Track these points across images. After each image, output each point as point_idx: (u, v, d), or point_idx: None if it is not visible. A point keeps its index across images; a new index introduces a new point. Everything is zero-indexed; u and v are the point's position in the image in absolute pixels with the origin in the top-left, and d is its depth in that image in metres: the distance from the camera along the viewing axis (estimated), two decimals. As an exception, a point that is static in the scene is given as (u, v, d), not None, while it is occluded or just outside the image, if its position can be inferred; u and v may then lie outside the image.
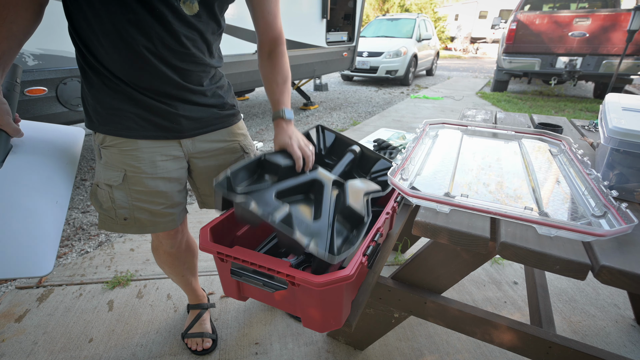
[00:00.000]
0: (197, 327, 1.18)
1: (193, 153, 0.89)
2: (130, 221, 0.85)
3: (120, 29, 0.69)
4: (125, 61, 0.73)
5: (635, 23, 4.31)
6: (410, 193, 0.78)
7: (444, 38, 20.26)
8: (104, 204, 0.84)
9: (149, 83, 0.76)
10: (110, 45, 0.71)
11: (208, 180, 0.94)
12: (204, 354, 1.15)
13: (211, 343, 1.17)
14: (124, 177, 0.81)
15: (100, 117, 0.79)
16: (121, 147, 0.80)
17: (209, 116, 0.87)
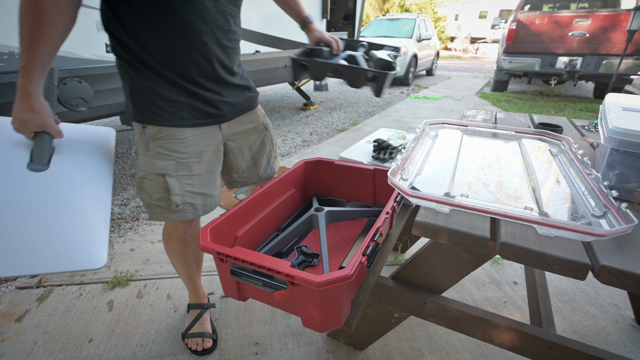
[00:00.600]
0: (198, 327, 1.18)
1: (229, 135, 0.99)
2: (182, 207, 0.90)
3: (183, 19, 0.76)
4: (183, 50, 0.80)
5: (635, 23, 4.31)
6: (410, 193, 0.78)
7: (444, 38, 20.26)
8: (154, 194, 0.88)
9: (203, 70, 0.84)
10: (170, 37, 0.78)
11: (242, 159, 1.06)
12: (204, 354, 1.15)
13: (211, 343, 1.17)
14: (176, 164, 0.87)
15: (159, 109, 0.84)
16: (172, 136, 0.86)
17: (242, 100, 0.99)
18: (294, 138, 3.65)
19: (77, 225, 0.76)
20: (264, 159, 1.12)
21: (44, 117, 0.76)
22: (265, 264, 0.68)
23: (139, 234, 1.86)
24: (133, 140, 3.50)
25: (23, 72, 0.71)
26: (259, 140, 1.08)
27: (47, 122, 0.77)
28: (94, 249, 0.77)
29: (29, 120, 0.75)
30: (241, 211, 0.92)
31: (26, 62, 0.71)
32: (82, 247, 0.75)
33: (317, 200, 1.24)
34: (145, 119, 0.86)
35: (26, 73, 0.71)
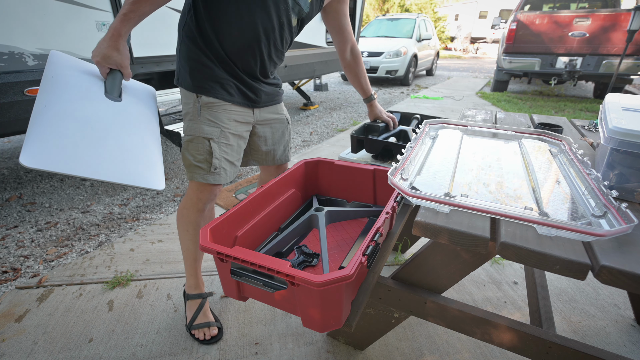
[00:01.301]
0: (202, 317, 1.21)
1: (259, 120, 1.14)
2: (218, 171, 1.04)
3: (255, 31, 0.94)
4: (244, 52, 0.97)
5: (635, 23, 4.31)
6: (410, 193, 0.78)
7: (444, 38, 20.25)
8: (198, 156, 1.02)
9: (252, 69, 1.02)
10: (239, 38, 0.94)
11: (262, 144, 1.20)
12: (212, 342, 1.17)
13: (217, 331, 1.20)
14: (220, 132, 1.02)
15: (215, 84, 1.00)
16: (221, 107, 1.01)
17: (273, 92, 1.15)
18: (294, 138, 3.65)
19: (144, 150, 0.89)
20: (281, 146, 1.25)
21: (124, 57, 0.89)
22: (265, 264, 0.68)
23: (139, 234, 1.86)
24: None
25: (123, 18, 0.83)
26: (280, 129, 1.22)
27: (125, 62, 0.90)
28: (157, 173, 0.89)
29: (112, 57, 0.87)
30: (241, 211, 0.92)
31: (128, 11, 0.83)
32: (148, 168, 0.87)
33: (317, 200, 1.24)
34: (201, 90, 1.00)
35: (125, 20, 0.84)
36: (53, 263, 1.62)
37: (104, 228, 1.94)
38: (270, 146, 1.21)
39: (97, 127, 0.82)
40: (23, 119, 1.80)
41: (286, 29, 1.00)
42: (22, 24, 1.69)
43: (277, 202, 1.07)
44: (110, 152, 0.81)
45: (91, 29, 1.94)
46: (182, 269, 1.56)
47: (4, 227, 1.94)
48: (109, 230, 1.91)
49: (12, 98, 1.72)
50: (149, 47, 2.27)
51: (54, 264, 1.61)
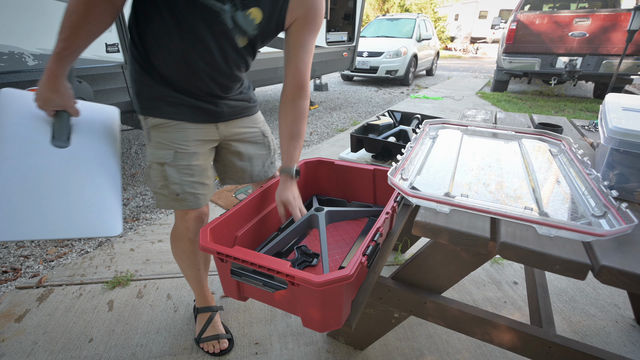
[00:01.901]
0: (211, 330, 1.17)
1: (226, 135, 1.04)
2: (182, 196, 0.95)
3: (187, 55, 0.85)
4: (182, 75, 0.88)
5: (635, 23, 4.31)
6: (410, 193, 0.78)
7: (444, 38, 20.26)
8: (158, 183, 0.94)
9: (199, 90, 0.92)
10: (172, 63, 0.86)
11: (237, 160, 1.10)
12: (222, 355, 1.14)
13: (228, 343, 1.16)
14: (174, 154, 0.92)
15: (156, 102, 0.91)
16: (171, 128, 0.93)
17: (239, 106, 1.05)
18: (294, 138, 3.65)
19: (96, 197, 0.86)
20: (259, 162, 1.14)
21: (66, 98, 0.84)
22: (265, 264, 0.68)
23: (139, 234, 1.86)
24: (133, 140, 3.50)
25: (57, 58, 0.78)
26: (255, 144, 1.11)
27: (68, 103, 0.85)
28: (111, 218, 0.86)
29: (53, 100, 0.83)
30: (241, 211, 0.92)
31: (61, 49, 0.77)
32: (101, 216, 0.85)
33: (317, 200, 1.24)
34: (147, 111, 0.92)
35: (59, 59, 0.78)
36: (53, 263, 1.62)
37: (104, 228, 1.94)
38: (245, 162, 1.10)
39: (42, 183, 0.80)
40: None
41: (230, 51, 0.88)
42: (22, 24, 1.69)
43: (277, 202, 1.07)
44: (58, 208, 0.80)
45: (91, 29, 1.94)
46: (182, 269, 1.56)
47: (4, 227, 1.94)
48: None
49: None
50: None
51: (54, 264, 1.61)
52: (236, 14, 0.82)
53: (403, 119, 1.68)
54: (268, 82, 3.74)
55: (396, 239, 1.08)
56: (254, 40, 0.91)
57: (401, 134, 1.47)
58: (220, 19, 0.81)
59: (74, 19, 0.75)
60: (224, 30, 0.83)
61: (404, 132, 1.46)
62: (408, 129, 1.46)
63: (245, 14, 0.83)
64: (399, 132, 1.48)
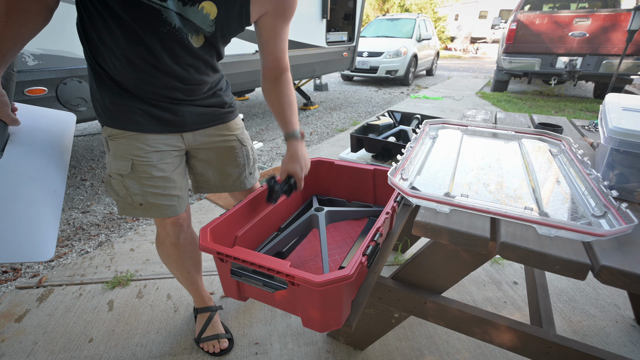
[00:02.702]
0: (210, 329, 1.17)
1: (194, 145, 0.96)
2: (145, 206, 0.90)
3: (133, 59, 0.76)
4: (133, 80, 0.80)
5: (635, 23, 4.31)
6: (410, 193, 0.78)
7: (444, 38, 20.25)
8: (120, 192, 0.89)
9: (155, 94, 0.84)
10: (119, 66, 0.78)
11: (209, 169, 1.03)
12: (222, 355, 1.14)
13: (227, 343, 1.16)
14: (132, 166, 0.86)
15: (109, 112, 0.84)
16: (128, 139, 0.85)
17: (209, 113, 0.95)
18: (294, 138, 3.65)
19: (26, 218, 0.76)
20: (235, 172, 1.06)
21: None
22: (265, 263, 0.68)
23: (139, 234, 1.86)
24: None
25: None
26: (230, 153, 1.03)
27: (2, 112, 0.76)
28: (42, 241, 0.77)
29: None
30: (241, 211, 0.92)
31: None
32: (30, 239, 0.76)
33: (317, 200, 1.24)
34: (101, 119, 0.87)
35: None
36: (53, 263, 1.62)
37: (104, 228, 1.94)
38: (216, 172, 1.04)
39: None
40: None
41: (183, 53, 0.79)
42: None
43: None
44: None
45: (91, 29, 1.94)
46: (182, 269, 1.56)
47: (4, 227, 1.94)
48: (109, 230, 1.91)
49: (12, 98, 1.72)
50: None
51: (54, 264, 1.61)
52: (185, 9, 0.73)
53: (403, 119, 1.68)
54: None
55: (396, 239, 1.08)
56: (213, 38, 0.81)
57: (401, 134, 1.47)
58: (162, 18, 0.71)
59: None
60: (170, 32, 0.74)
61: (404, 132, 1.46)
62: (408, 129, 1.46)
63: (197, 9, 0.74)
64: (399, 132, 1.48)
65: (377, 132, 1.48)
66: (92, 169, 2.78)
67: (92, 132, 3.75)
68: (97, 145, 3.36)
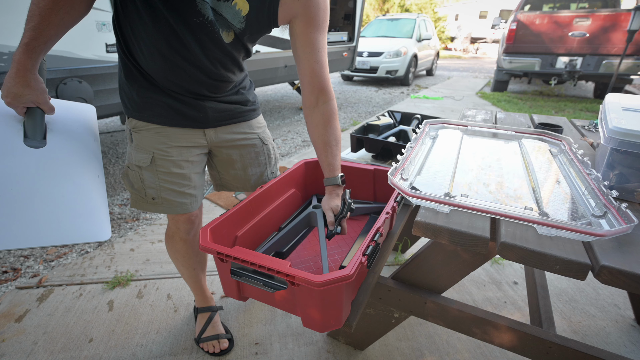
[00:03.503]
0: (211, 330, 1.17)
1: (215, 142, 0.97)
2: (158, 200, 0.91)
3: (164, 50, 0.78)
4: (162, 71, 0.82)
5: (635, 23, 4.31)
6: (410, 193, 0.78)
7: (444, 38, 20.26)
8: (135, 184, 0.91)
9: (181, 88, 0.85)
10: (150, 57, 0.79)
11: (230, 168, 1.03)
12: (222, 355, 1.14)
13: (228, 343, 1.16)
14: (152, 159, 0.88)
15: (136, 104, 0.86)
16: (152, 132, 0.88)
17: (231, 110, 0.95)
18: (294, 138, 3.65)
19: (80, 202, 0.79)
20: (257, 172, 1.06)
21: (39, 93, 0.77)
22: (266, 263, 0.68)
23: (139, 234, 1.86)
24: (133, 140, 3.50)
25: (25, 49, 0.72)
26: (252, 152, 1.03)
27: (42, 98, 0.78)
28: (98, 222, 0.80)
29: (25, 96, 0.76)
30: (241, 211, 0.92)
31: (30, 39, 0.71)
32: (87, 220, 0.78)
33: (317, 200, 1.24)
34: (127, 111, 0.89)
35: (29, 50, 0.72)
36: (53, 263, 1.62)
37: (104, 228, 1.94)
38: (239, 171, 1.04)
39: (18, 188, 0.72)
40: (23, 119, 1.80)
41: (213, 47, 0.80)
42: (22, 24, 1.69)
43: (277, 202, 1.07)
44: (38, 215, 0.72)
45: (91, 29, 1.94)
46: (182, 269, 1.57)
47: (4, 227, 1.94)
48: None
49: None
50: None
51: (54, 264, 1.61)
52: (218, 4, 0.74)
53: (403, 119, 1.68)
54: (268, 82, 3.74)
55: (396, 239, 1.08)
56: (242, 35, 0.81)
57: (401, 134, 1.47)
58: (196, 9, 0.72)
59: (42, 5, 0.69)
60: (203, 23, 0.75)
61: (404, 132, 1.45)
62: (408, 129, 1.46)
63: (230, 5, 0.75)
64: (399, 132, 1.47)
65: (377, 132, 1.47)
66: (92, 169, 2.78)
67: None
68: (97, 145, 3.35)
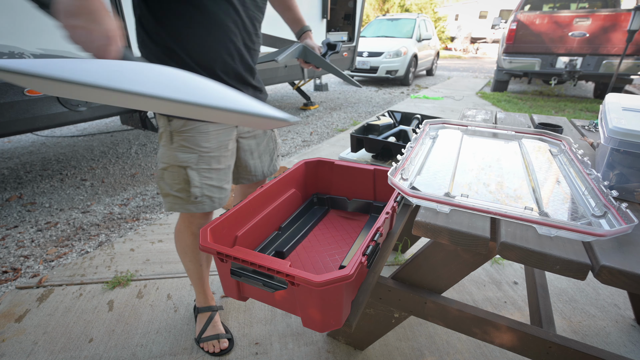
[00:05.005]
0: (211, 329, 1.17)
1: (241, 133, 1.02)
2: (200, 199, 0.93)
3: (217, 20, 0.81)
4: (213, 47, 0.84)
5: (635, 23, 4.31)
6: (411, 193, 0.78)
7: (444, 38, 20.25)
8: (175, 185, 0.91)
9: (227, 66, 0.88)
10: (203, 35, 0.82)
11: (251, 158, 1.09)
12: (223, 354, 1.14)
13: (228, 343, 1.16)
14: (198, 158, 0.90)
15: None
16: (196, 130, 0.89)
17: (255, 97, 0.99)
18: (294, 138, 3.65)
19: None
20: (268, 157, 1.14)
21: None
22: (265, 263, 0.68)
23: (139, 234, 1.86)
24: (133, 140, 3.50)
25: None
26: (265, 138, 1.11)
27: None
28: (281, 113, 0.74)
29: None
30: (241, 211, 0.92)
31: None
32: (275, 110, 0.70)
33: (317, 199, 1.24)
34: None
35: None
36: (53, 263, 1.62)
37: (104, 228, 1.94)
38: (257, 159, 1.10)
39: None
40: (23, 119, 1.80)
41: (251, 5, 0.87)
42: (23, 24, 1.69)
43: (277, 202, 1.07)
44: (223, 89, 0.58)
45: (91, 29, 1.94)
46: (182, 269, 1.56)
47: (4, 227, 1.94)
48: (109, 230, 1.91)
49: (12, 98, 1.72)
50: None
51: (54, 264, 1.61)
52: None
53: (403, 119, 1.68)
54: (268, 82, 3.74)
55: (396, 239, 1.08)
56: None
57: (401, 134, 1.47)
58: None
59: None
60: None
61: (404, 132, 1.45)
62: (408, 129, 1.45)
63: None
64: (399, 132, 1.47)
65: (377, 132, 1.47)
66: (92, 169, 2.78)
67: (92, 132, 3.75)
68: (97, 145, 3.36)
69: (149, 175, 2.69)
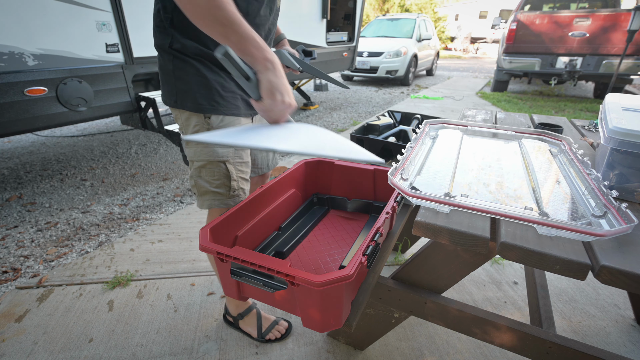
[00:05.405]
0: (266, 322, 1.22)
1: None
2: (237, 192, 0.96)
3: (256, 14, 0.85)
4: None
5: (635, 23, 4.31)
6: (411, 193, 0.78)
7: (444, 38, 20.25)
8: (214, 181, 0.93)
9: None
10: None
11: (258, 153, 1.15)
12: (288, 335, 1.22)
13: (287, 323, 1.24)
14: (234, 151, 0.93)
15: (222, 99, 0.90)
16: (231, 124, 0.92)
17: None
18: (294, 138, 3.65)
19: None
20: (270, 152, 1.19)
21: None
22: (265, 263, 0.68)
23: (139, 234, 1.86)
24: (133, 140, 3.50)
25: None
26: None
27: None
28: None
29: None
30: (241, 211, 0.92)
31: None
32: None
33: (317, 199, 1.24)
34: (210, 109, 0.89)
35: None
36: (53, 263, 1.62)
37: (104, 228, 1.94)
38: (263, 152, 1.17)
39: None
40: (23, 119, 1.80)
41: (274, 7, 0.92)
42: (22, 24, 1.69)
43: (277, 202, 1.07)
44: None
45: (91, 29, 1.94)
46: (182, 269, 1.56)
47: (4, 227, 1.94)
48: (109, 230, 1.91)
49: (12, 98, 1.72)
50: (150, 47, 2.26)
51: (54, 264, 1.61)
52: None
53: (403, 119, 1.69)
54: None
55: (396, 239, 1.08)
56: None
57: (401, 134, 1.47)
58: None
59: None
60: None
61: (404, 132, 1.46)
62: (408, 129, 1.46)
63: None
64: (399, 132, 1.48)
65: (377, 132, 1.48)
66: (92, 169, 2.78)
67: (92, 132, 3.75)
68: (97, 145, 3.36)
69: (149, 175, 2.69)
